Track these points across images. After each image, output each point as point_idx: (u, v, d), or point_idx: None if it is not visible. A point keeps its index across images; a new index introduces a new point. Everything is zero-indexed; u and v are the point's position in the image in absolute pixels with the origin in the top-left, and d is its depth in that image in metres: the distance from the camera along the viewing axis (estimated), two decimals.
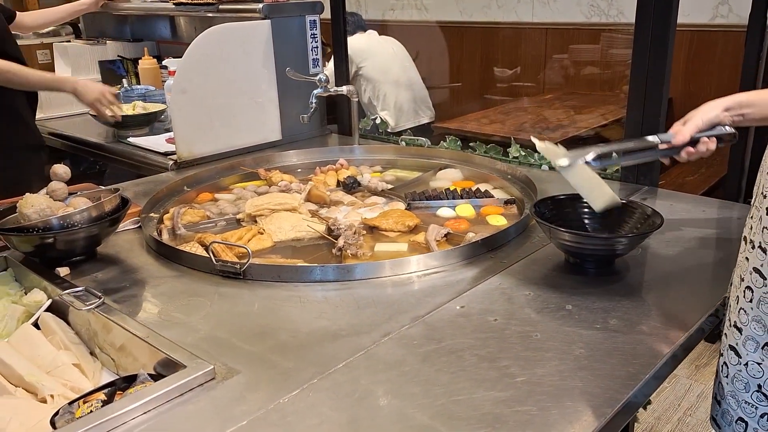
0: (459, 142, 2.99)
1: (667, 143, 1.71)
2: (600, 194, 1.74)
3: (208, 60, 2.88)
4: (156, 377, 1.34)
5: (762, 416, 1.41)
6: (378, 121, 3.62)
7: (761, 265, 1.34)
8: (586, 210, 1.85)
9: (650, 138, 1.75)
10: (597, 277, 1.72)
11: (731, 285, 1.53)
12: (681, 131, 1.67)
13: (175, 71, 2.93)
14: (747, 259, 1.40)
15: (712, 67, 4.78)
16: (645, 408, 3.03)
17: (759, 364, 1.39)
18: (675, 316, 1.51)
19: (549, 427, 1.15)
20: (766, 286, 1.35)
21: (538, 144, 1.79)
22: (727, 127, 1.68)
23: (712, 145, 1.68)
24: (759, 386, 1.40)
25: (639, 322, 1.48)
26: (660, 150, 1.74)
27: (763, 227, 1.33)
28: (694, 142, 1.68)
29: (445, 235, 1.97)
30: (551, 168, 2.63)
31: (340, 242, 1.91)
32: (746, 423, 1.45)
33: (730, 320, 1.48)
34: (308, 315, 1.57)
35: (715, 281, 1.69)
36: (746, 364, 1.42)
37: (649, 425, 3.24)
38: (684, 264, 1.79)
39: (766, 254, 1.34)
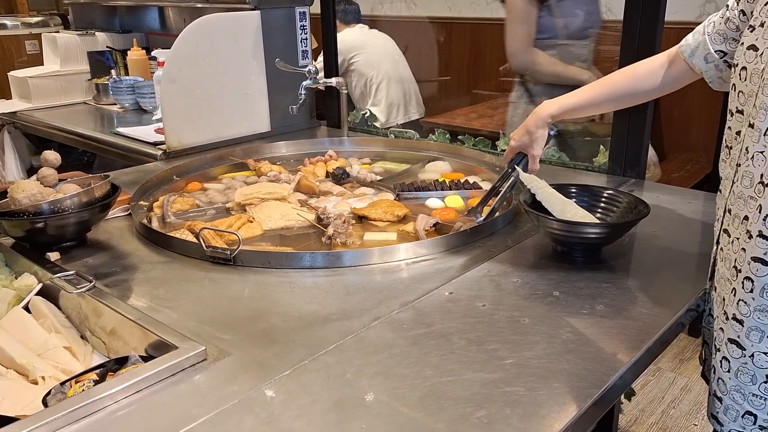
0: (448, 135, 3.01)
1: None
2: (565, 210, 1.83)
3: (198, 50, 2.88)
4: (147, 359, 1.35)
5: None
6: (367, 115, 3.63)
7: (764, 254, 1.35)
8: (573, 199, 1.87)
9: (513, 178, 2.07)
10: (584, 265, 1.74)
11: (720, 279, 1.53)
12: (533, 169, 2.05)
13: (164, 62, 2.93)
14: (744, 249, 1.40)
15: None
16: (629, 400, 3.06)
17: (766, 353, 1.38)
18: (660, 302, 1.54)
19: (537, 406, 1.17)
20: None
21: (522, 175, 1.95)
22: (551, 131, 2.03)
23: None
24: (767, 376, 1.41)
25: (625, 308, 1.50)
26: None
27: (766, 215, 1.33)
28: None
29: (434, 225, 1.99)
30: (540, 161, 2.64)
31: (330, 231, 1.92)
32: (755, 416, 1.42)
33: (726, 314, 1.47)
34: (298, 300, 1.59)
35: (699, 270, 1.71)
36: (752, 355, 1.40)
37: (634, 417, 3.27)
38: (669, 253, 1.82)
39: None
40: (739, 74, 1.41)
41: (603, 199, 1.90)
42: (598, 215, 1.87)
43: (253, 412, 1.17)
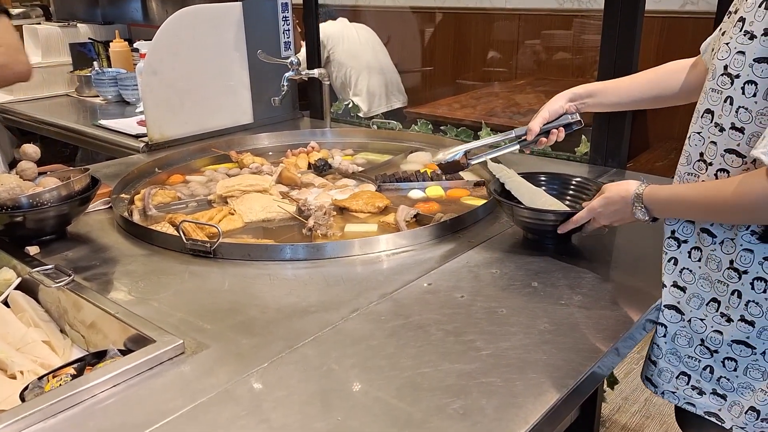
0: (430, 126, 3.01)
1: (523, 136, 1.89)
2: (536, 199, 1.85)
3: (180, 42, 2.87)
4: (126, 353, 1.35)
5: (705, 368, 1.48)
6: (350, 105, 3.63)
7: (711, 225, 1.40)
8: (543, 188, 1.91)
9: (512, 134, 1.92)
10: (563, 255, 1.75)
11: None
12: (531, 127, 1.87)
13: (146, 53, 2.92)
14: (690, 221, 1.44)
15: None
16: (612, 388, 3.07)
17: (702, 320, 1.45)
18: (638, 292, 1.55)
19: (513, 397, 1.17)
20: (714, 244, 1.40)
21: (491, 165, 1.97)
22: (573, 116, 1.87)
23: (561, 134, 1.89)
24: (702, 340, 1.46)
25: (603, 298, 1.51)
26: (519, 142, 1.91)
27: None
28: (546, 132, 1.88)
29: (415, 216, 1.99)
30: (521, 151, 2.65)
31: (310, 222, 1.92)
32: (689, 376, 1.51)
33: (664, 283, 1.52)
34: (278, 292, 1.59)
35: None
36: (689, 320, 1.48)
37: (617, 405, 3.29)
38: (648, 243, 1.82)
39: None
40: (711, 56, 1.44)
41: (572, 187, 1.92)
42: (568, 203, 1.88)
43: (231, 404, 1.18)
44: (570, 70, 5.30)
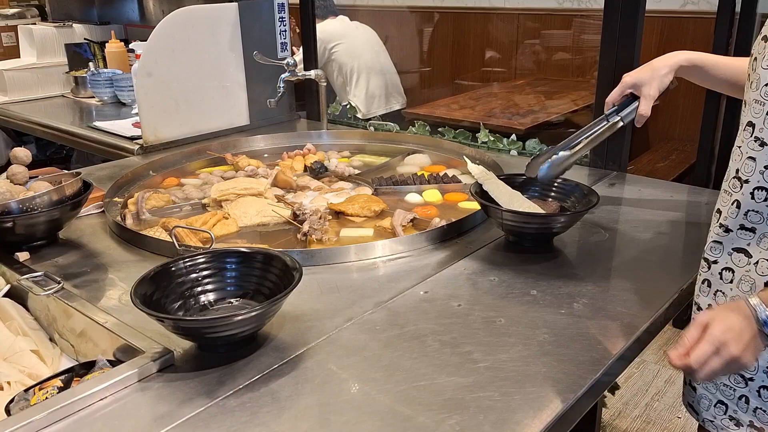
0: (428, 128, 2.98)
1: (630, 121, 1.81)
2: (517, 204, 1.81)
3: (175, 43, 2.84)
4: (115, 363, 1.32)
5: (740, 398, 1.43)
6: (348, 106, 3.60)
7: (748, 244, 1.34)
8: (525, 188, 1.90)
9: (620, 123, 1.82)
10: (563, 262, 1.72)
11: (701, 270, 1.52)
12: (643, 111, 1.77)
13: (141, 54, 2.89)
14: (719, 242, 1.40)
15: None
16: (613, 393, 3.04)
17: None
18: (641, 300, 1.51)
19: (511, 412, 1.14)
20: (749, 264, 1.35)
21: (470, 166, 1.96)
22: (672, 84, 1.78)
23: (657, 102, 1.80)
24: None
25: (604, 307, 1.48)
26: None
27: (748, 209, 1.33)
28: None
29: (412, 220, 1.96)
30: (519, 153, 2.63)
31: (305, 227, 1.89)
32: (726, 405, 1.46)
33: (698, 304, 1.48)
34: None
35: (683, 266, 1.69)
36: None
37: (617, 410, 3.26)
38: (652, 249, 1.79)
39: (755, 234, 1.33)
40: (752, 65, 1.38)
41: (554, 189, 1.90)
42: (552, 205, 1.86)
43: (222, 418, 1.14)
44: (570, 70, 5.28)
